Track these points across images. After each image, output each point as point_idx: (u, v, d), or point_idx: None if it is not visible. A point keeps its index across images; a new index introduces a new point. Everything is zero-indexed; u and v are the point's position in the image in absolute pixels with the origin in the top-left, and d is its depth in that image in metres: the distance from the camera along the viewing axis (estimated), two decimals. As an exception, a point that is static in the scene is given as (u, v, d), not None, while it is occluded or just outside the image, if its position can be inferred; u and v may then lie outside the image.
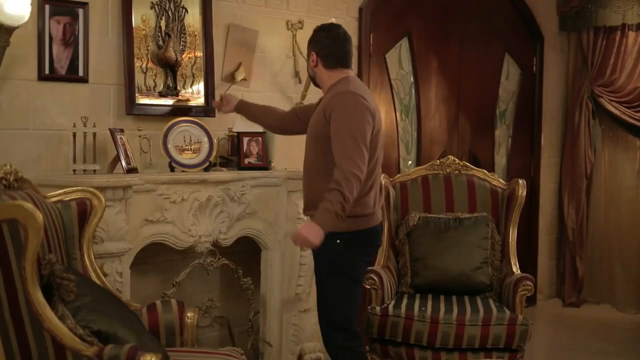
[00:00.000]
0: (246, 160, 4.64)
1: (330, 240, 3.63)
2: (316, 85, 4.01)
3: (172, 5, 4.53)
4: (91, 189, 3.53)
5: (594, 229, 7.44)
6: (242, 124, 4.66)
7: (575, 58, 7.38)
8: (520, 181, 4.83)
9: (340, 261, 3.74)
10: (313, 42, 3.92)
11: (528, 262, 7.00)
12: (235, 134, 4.67)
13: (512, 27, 7.06)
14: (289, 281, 4.71)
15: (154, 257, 4.46)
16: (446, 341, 4.24)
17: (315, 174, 3.80)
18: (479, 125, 6.79)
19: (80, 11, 4.15)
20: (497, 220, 4.87)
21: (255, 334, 4.76)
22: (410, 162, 6.23)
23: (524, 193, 4.78)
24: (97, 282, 3.47)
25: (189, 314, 3.58)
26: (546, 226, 7.43)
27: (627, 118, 7.04)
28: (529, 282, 4.41)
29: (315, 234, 3.52)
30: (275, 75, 5.17)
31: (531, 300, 6.91)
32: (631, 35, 7.03)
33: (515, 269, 4.67)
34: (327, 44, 3.87)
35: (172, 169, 4.31)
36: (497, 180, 5.02)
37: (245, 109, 4.36)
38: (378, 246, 4.10)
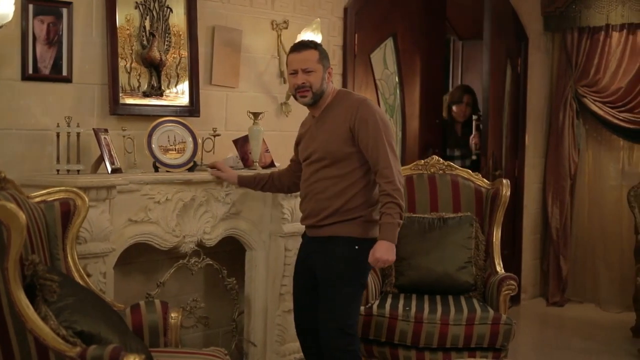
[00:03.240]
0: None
1: (350, 246, 3.77)
2: (314, 104, 3.90)
3: (156, 5, 4.52)
4: (75, 189, 3.53)
5: (578, 229, 7.47)
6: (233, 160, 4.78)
7: (559, 58, 7.40)
8: (504, 181, 4.84)
9: (355, 267, 3.80)
10: (326, 57, 3.91)
11: (512, 261, 7.02)
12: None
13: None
14: (274, 281, 4.71)
15: (138, 258, 4.46)
16: (430, 341, 4.25)
17: (347, 187, 3.81)
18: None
19: (64, 11, 4.14)
20: (481, 220, 4.88)
21: (239, 334, 4.77)
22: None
23: (508, 193, 4.79)
24: (81, 282, 3.46)
25: (172, 314, 3.59)
26: (530, 226, 7.45)
27: (610, 118, 7.07)
28: (512, 282, 4.43)
29: (391, 251, 3.73)
30: (260, 75, 5.17)
31: (515, 300, 6.94)
32: (615, 35, 7.06)
33: (499, 268, 4.69)
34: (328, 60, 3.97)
35: (157, 169, 4.30)
36: (481, 180, 5.03)
37: (249, 183, 4.36)
38: None
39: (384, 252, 3.69)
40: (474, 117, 6.58)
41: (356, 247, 3.77)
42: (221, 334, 4.94)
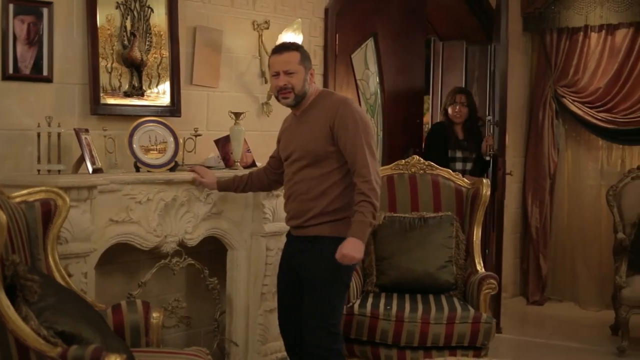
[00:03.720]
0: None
1: (335, 246, 3.73)
2: (296, 105, 3.90)
3: (137, 4, 4.51)
4: (55, 189, 3.52)
5: (557, 228, 7.54)
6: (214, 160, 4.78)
7: (538, 59, 7.47)
8: (484, 180, 4.88)
9: (339, 267, 3.76)
10: (308, 59, 3.91)
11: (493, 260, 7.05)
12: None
13: (477, 28, 7.13)
14: (255, 281, 4.71)
15: (121, 258, 4.44)
16: (411, 340, 4.26)
17: (329, 188, 3.82)
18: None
19: (45, 10, 4.12)
20: (461, 220, 4.91)
21: (221, 334, 4.77)
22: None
23: (488, 192, 4.82)
24: (62, 282, 3.46)
25: (154, 314, 3.60)
26: (510, 225, 7.48)
27: (589, 118, 7.15)
28: (492, 281, 4.46)
29: (358, 249, 3.69)
30: (242, 75, 5.17)
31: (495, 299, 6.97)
32: (593, 36, 7.14)
33: (480, 267, 4.72)
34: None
35: (138, 169, 4.30)
36: (462, 180, 5.06)
37: (228, 187, 4.36)
38: None
39: (350, 249, 3.66)
40: (488, 118, 6.48)
41: None
42: (203, 333, 4.94)
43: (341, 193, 3.81)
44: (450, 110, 6.34)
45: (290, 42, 4.09)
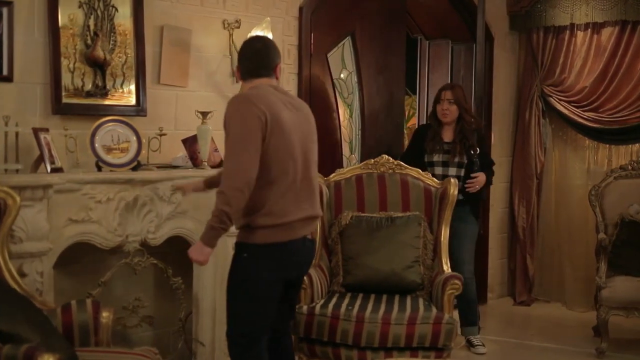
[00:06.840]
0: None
1: (238, 252, 3.66)
2: None
3: (101, 4, 4.50)
4: (5, 189, 3.53)
5: (544, 228, 7.49)
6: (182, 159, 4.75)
7: (525, 58, 7.41)
8: (452, 180, 4.85)
9: (242, 276, 3.63)
10: (238, 57, 3.87)
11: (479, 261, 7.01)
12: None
13: (461, 26, 7.08)
14: (222, 281, 4.66)
15: (84, 257, 4.43)
16: (372, 340, 4.23)
17: None
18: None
19: (5, 10, 4.12)
20: (429, 219, 4.88)
21: (188, 334, 4.75)
22: (355, 161, 6.23)
23: (456, 192, 4.80)
24: (11, 282, 3.46)
25: (104, 314, 3.59)
26: (497, 225, 7.44)
27: (576, 117, 7.09)
28: (457, 281, 4.42)
29: (198, 252, 3.53)
30: (212, 74, 5.16)
31: (482, 299, 6.93)
32: (580, 35, 7.09)
33: (446, 267, 4.69)
34: (242, 57, 3.84)
35: (99, 169, 4.29)
36: (431, 180, 5.03)
37: (213, 184, 4.14)
38: (300, 262, 3.83)
39: (192, 250, 3.56)
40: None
41: (244, 254, 3.61)
42: (171, 333, 4.91)
43: (249, 198, 3.51)
44: (437, 110, 5.74)
45: None
